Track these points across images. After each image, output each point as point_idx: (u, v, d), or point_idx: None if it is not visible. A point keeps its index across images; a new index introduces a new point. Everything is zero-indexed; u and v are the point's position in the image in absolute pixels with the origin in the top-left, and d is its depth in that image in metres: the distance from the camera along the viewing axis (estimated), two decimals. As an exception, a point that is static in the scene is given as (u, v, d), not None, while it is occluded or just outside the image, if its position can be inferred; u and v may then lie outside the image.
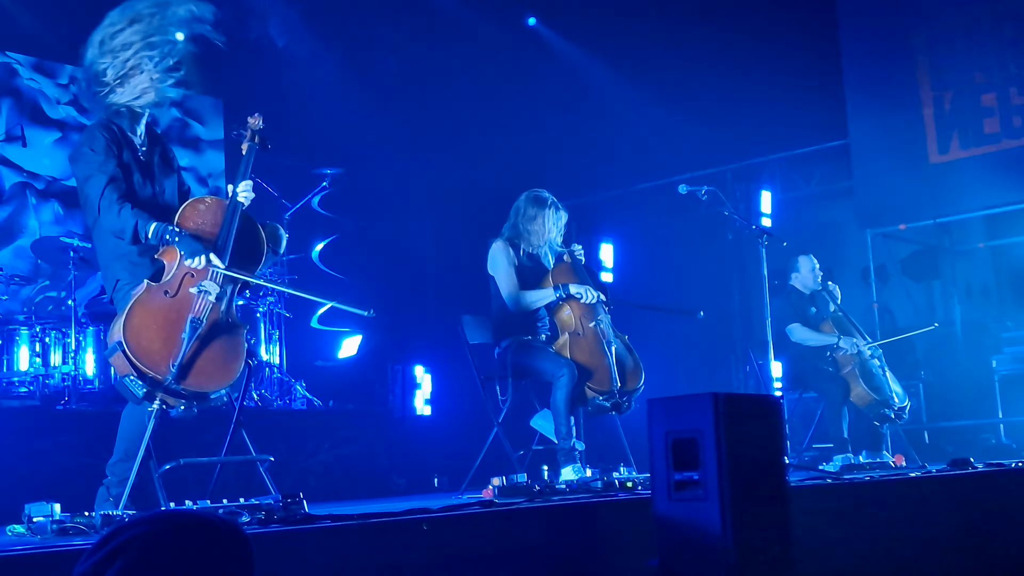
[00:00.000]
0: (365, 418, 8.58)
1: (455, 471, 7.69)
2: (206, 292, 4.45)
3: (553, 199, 6.55)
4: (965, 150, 9.96)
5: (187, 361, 4.32)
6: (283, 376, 8.75)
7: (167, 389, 4.28)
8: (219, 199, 4.75)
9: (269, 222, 4.96)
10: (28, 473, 6.12)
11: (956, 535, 5.12)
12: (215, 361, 4.43)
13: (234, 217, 4.66)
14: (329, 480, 7.60)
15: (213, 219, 4.64)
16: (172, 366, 4.26)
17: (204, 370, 4.38)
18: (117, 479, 4.44)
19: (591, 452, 6.35)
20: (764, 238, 7.20)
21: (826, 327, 7.96)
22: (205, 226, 4.62)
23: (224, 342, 4.49)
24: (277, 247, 4.96)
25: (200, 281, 4.46)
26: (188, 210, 4.62)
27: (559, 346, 6.29)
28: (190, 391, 4.34)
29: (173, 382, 4.26)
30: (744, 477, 3.46)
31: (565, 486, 5.48)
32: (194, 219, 4.61)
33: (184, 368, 4.30)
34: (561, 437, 5.99)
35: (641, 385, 6.32)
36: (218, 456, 4.83)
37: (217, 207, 4.68)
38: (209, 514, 1.69)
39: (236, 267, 4.61)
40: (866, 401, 7.65)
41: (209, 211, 4.66)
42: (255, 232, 4.78)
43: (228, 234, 4.61)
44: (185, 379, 4.31)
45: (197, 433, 6.32)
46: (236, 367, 4.53)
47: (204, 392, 4.40)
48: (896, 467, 7.04)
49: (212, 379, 4.42)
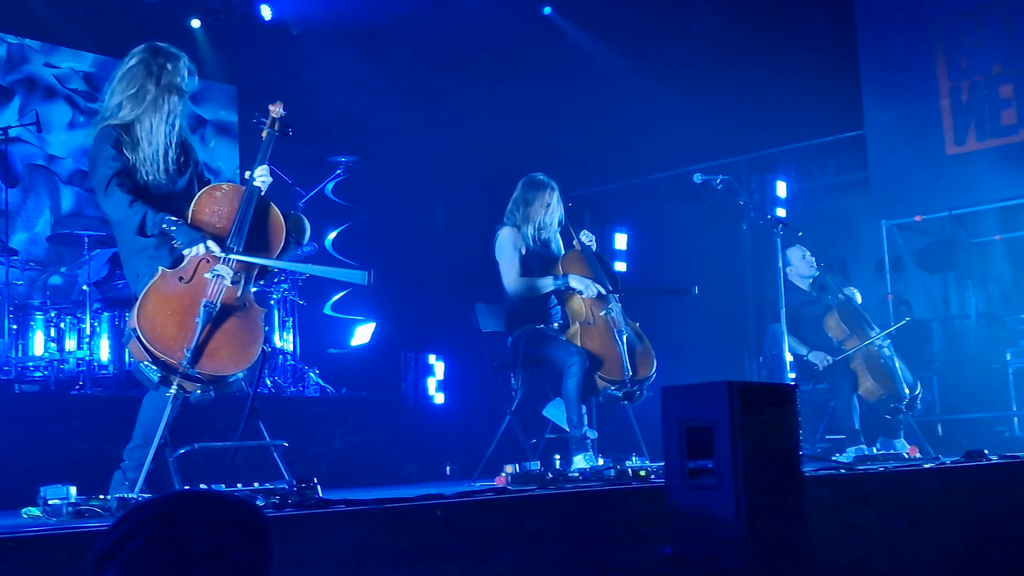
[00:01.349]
0: (378, 406, 8.61)
1: (467, 459, 7.69)
2: (220, 276, 4.46)
3: (549, 180, 6.55)
4: (982, 142, 9.91)
5: (202, 345, 4.33)
6: (296, 363, 8.77)
7: (183, 374, 4.28)
8: (236, 185, 4.76)
9: (293, 212, 4.97)
10: (43, 457, 6.15)
11: (970, 527, 5.11)
12: (231, 344, 4.44)
13: (250, 203, 4.67)
14: (341, 467, 7.61)
15: (230, 205, 4.65)
16: (186, 350, 4.27)
17: (220, 354, 4.39)
18: (134, 464, 4.45)
19: (603, 440, 6.35)
20: (779, 228, 7.17)
21: (831, 320, 7.89)
22: (222, 212, 4.63)
23: (240, 325, 4.50)
24: (300, 238, 4.96)
25: (214, 266, 4.47)
26: (204, 197, 4.64)
27: (570, 335, 6.28)
28: (206, 375, 4.35)
29: (188, 366, 4.27)
30: (759, 466, 3.44)
31: (578, 474, 5.49)
32: (210, 206, 4.62)
33: (199, 352, 4.31)
34: (573, 426, 6.00)
35: (653, 373, 6.32)
36: (232, 441, 4.84)
37: (234, 193, 4.69)
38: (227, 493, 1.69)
39: (252, 252, 4.61)
40: (874, 395, 7.62)
41: (225, 198, 4.67)
42: (273, 218, 4.77)
43: (243, 219, 4.62)
44: (200, 363, 4.32)
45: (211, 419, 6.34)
46: (254, 350, 4.53)
47: (221, 376, 4.41)
48: (910, 459, 7.02)
49: (228, 362, 4.42)
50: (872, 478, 5.03)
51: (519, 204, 6.52)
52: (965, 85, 10.02)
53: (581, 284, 6.26)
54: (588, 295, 6.24)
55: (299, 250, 5.09)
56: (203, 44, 10.68)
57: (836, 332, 7.91)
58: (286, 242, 4.80)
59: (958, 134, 10.04)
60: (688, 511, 3.53)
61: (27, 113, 8.76)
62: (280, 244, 4.77)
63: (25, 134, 9.09)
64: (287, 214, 4.85)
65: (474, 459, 6.69)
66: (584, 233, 6.59)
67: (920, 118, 10.22)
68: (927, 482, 5.20)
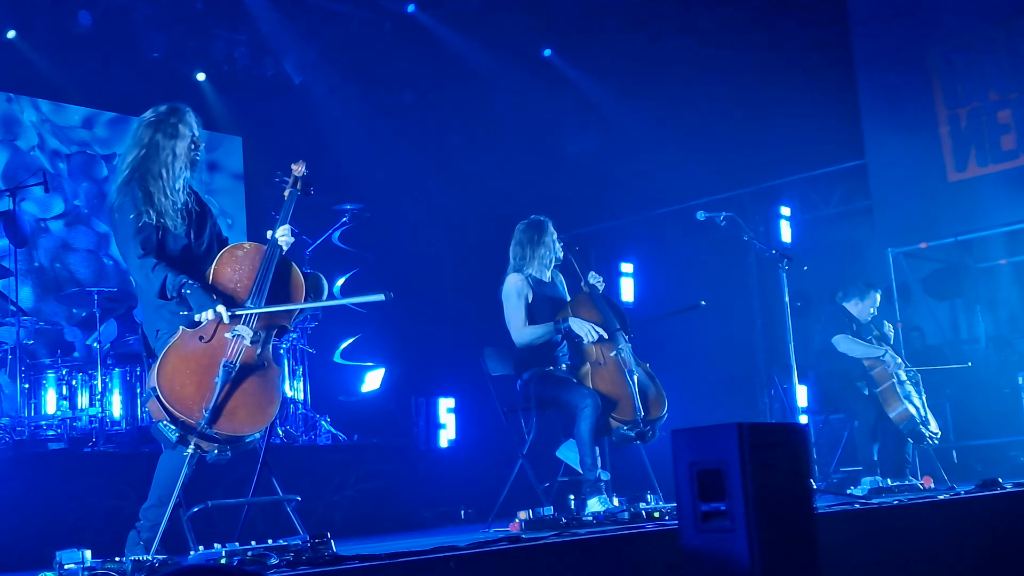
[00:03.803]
0: (390, 452, 8.58)
1: (482, 503, 7.68)
2: (240, 336, 4.46)
3: (541, 217, 6.61)
4: (983, 167, 9.95)
5: (221, 405, 4.33)
6: (308, 412, 8.78)
7: (200, 434, 4.30)
8: (256, 244, 4.75)
9: (312, 271, 4.98)
10: (57, 516, 6.16)
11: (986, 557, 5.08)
12: (249, 405, 4.44)
13: (272, 262, 4.66)
14: (356, 515, 7.60)
15: (251, 265, 4.65)
16: (205, 411, 4.29)
17: (238, 414, 4.39)
18: (150, 523, 4.45)
19: (617, 480, 6.34)
20: (784, 262, 7.19)
21: None
22: (243, 271, 4.63)
23: (259, 385, 4.50)
24: (319, 296, 4.97)
25: (234, 326, 4.49)
26: (225, 256, 4.65)
27: (581, 376, 6.28)
28: (224, 435, 4.34)
29: (206, 426, 4.28)
30: (771, 507, 3.44)
31: (592, 517, 5.48)
32: (231, 265, 4.64)
33: (217, 412, 4.31)
34: (586, 468, 5.98)
35: (665, 413, 6.30)
36: (245, 497, 4.85)
37: (255, 253, 4.70)
38: (227, 567, 1.70)
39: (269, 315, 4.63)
40: (903, 417, 7.57)
41: (247, 257, 4.68)
42: (294, 278, 4.77)
43: (264, 279, 4.62)
44: (218, 423, 4.32)
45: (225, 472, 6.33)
46: (272, 410, 4.53)
47: (239, 436, 4.40)
48: (925, 489, 6.99)
49: (246, 423, 4.42)
50: (887, 512, 5.02)
51: (519, 247, 6.57)
52: (963, 112, 10.07)
53: (581, 330, 6.25)
54: (588, 341, 6.25)
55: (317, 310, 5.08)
56: (209, 96, 10.79)
57: (869, 361, 7.89)
58: (305, 302, 4.83)
59: (959, 160, 10.08)
60: (702, 554, 3.53)
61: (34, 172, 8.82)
62: (300, 302, 4.79)
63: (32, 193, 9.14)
64: (307, 274, 4.85)
65: (488, 502, 6.68)
66: (592, 275, 6.61)
67: (920, 146, 10.27)
68: (942, 514, 5.19)
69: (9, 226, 8.22)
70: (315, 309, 8.55)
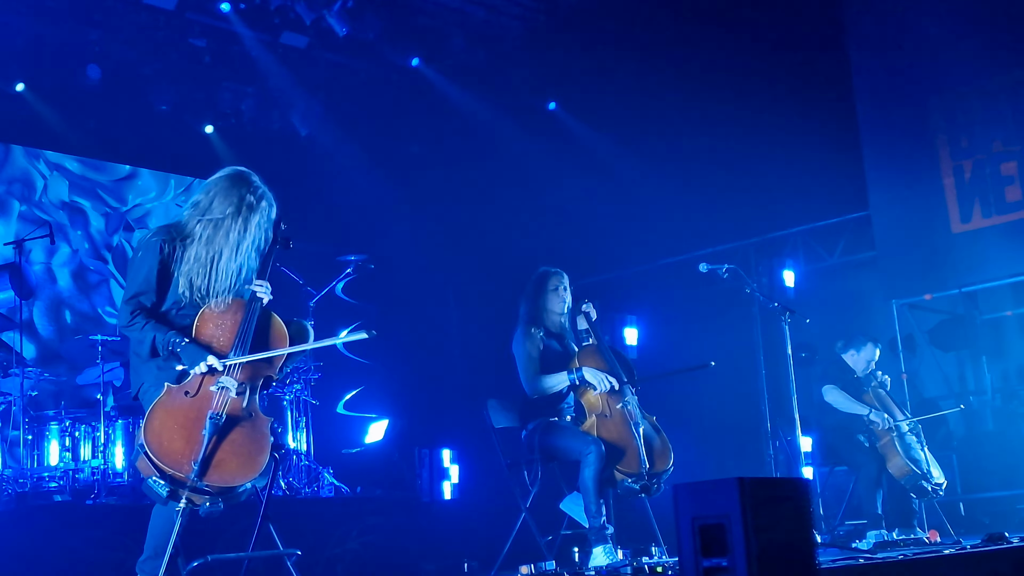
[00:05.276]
0: (393, 504, 8.56)
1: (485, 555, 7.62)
2: (226, 388, 4.49)
3: (552, 268, 6.65)
4: (988, 218, 9.95)
5: (209, 457, 4.34)
6: (311, 463, 8.76)
7: (191, 487, 4.29)
8: (237, 299, 4.78)
9: (295, 319, 4.99)
10: (59, 569, 6.13)
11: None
12: (239, 455, 4.44)
13: (253, 315, 4.71)
14: (358, 568, 7.55)
15: (232, 319, 4.70)
16: (194, 463, 4.29)
17: (227, 465, 4.40)
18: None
19: (621, 532, 6.30)
20: (787, 315, 7.19)
21: (866, 399, 7.90)
22: (224, 326, 4.67)
23: (247, 435, 4.51)
24: (304, 343, 4.99)
25: (219, 378, 4.51)
26: (207, 313, 4.68)
27: (586, 427, 6.27)
28: (214, 487, 4.35)
29: (196, 479, 4.28)
30: (774, 563, 3.42)
31: (594, 572, 5.44)
32: (213, 320, 4.67)
33: (206, 464, 4.32)
34: (591, 515, 5.94)
35: (670, 466, 6.28)
36: (246, 551, 4.82)
37: (236, 307, 4.73)
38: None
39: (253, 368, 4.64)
40: (904, 472, 7.55)
41: (228, 312, 4.71)
42: (275, 328, 4.80)
43: (247, 332, 4.66)
44: (208, 475, 4.32)
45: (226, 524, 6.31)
46: (261, 460, 4.53)
47: (230, 487, 4.41)
48: (931, 543, 6.94)
49: (236, 474, 4.42)
50: (892, 567, 4.97)
51: (525, 299, 6.60)
52: (967, 164, 10.10)
53: (595, 379, 6.26)
54: (601, 390, 6.24)
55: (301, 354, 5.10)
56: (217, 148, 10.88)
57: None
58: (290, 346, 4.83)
59: (963, 212, 10.09)
60: (705, 610, 3.50)
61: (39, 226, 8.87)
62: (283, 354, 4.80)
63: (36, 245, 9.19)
64: (289, 321, 4.88)
65: (492, 554, 6.64)
66: (585, 303, 6.63)
67: (924, 197, 10.28)
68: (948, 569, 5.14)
69: (15, 278, 8.26)
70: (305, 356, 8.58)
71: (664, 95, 11.02)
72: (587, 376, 6.27)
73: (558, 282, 6.60)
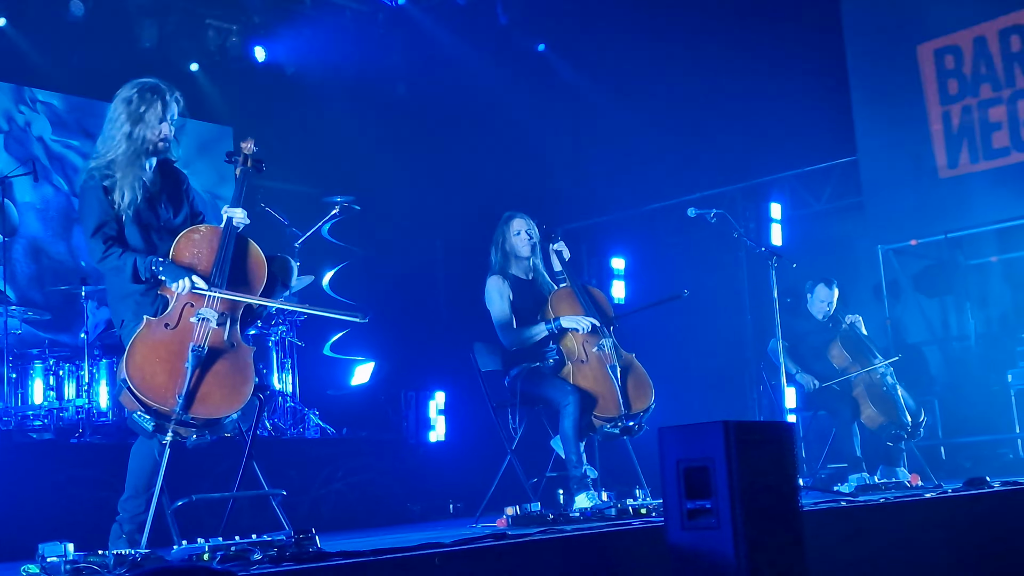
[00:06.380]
0: (379, 446, 8.58)
1: (470, 497, 7.68)
2: (206, 319, 4.47)
3: (514, 212, 6.60)
4: (975, 164, 9.95)
5: (193, 390, 4.32)
6: (296, 405, 8.76)
7: (177, 420, 4.29)
8: (213, 227, 4.74)
9: (280, 254, 4.96)
10: (44, 508, 6.15)
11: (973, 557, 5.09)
12: (223, 386, 4.44)
13: (229, 241, 4.66)
14: (344, 509, 7.60)
15: (209, 246, 4.64)
16: (178, 397, 4.28)
17: (212, 397, 4.39)
18: (129, 515, 4.45)
19: (606, 475, 6.34)
20: (774, 259, 7.19)
21: (834, 349, 7.94)
22: (201, 254, 4.62)
23: (230, 366, 4.50)
24: (287, 279, 4.95)
25: (199, 309, 4.48)
26: (183, 241, 4.62)
27: (565, 374, 6.27)
28: (200, 419, 4.35)
29: (182, 412, 4.27)
30: (756, 505, 3.44)
31: (579, 514, 5.47)
32: (189, 249, 4.61)
33: (191, 397, 4.31)
34: (572, 465, 5.98)
35: (651, 404, 6.27)
36: (230, 491, 4.83)
37: (212, 234, 4.68)
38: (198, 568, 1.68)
39: (235, 290, 4.61)
40: (876, 423, 7.64)
41: (204, 239, 4.66)
42: (253, 255, 4.76)
43: (224, 258, 4.61)
44: (194, 408, 4.32)
45: (211, 466, 6.34)
46: (246, 390, 4.52)
47: (215, 419, 4.41)
48: (911, 487, 7.00)
49: (222, 405, 4.42)
50: (872, 510, 5.02)
51: (495, 245, 6.57)
52: (955, 109, 10.07)
53: (574, 323, 6.27)
54: (584, 331, 6.24)
55: (286, 291, 5.06)
56: (203, 86, 10.76)
57: (839, 360, 7.94)
58: (271, 280, 4.79)
59: (951, 157, 10.07)
60: (688, 551, 3.52)
61: (23, 162, 8.77)
62: (262, 279, 4.74)
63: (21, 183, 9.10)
64: (272, 256, 4.84)
65: (477, 496, 6.67)
66: (556, 243, 6.59)
67: (912, 142, 10.26)
68: (928, 512, 5.19)
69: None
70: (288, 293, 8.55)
71: (653, 38, 10.94)
72: (565, 323, 6.27)
73: (520, 225, 6.53)
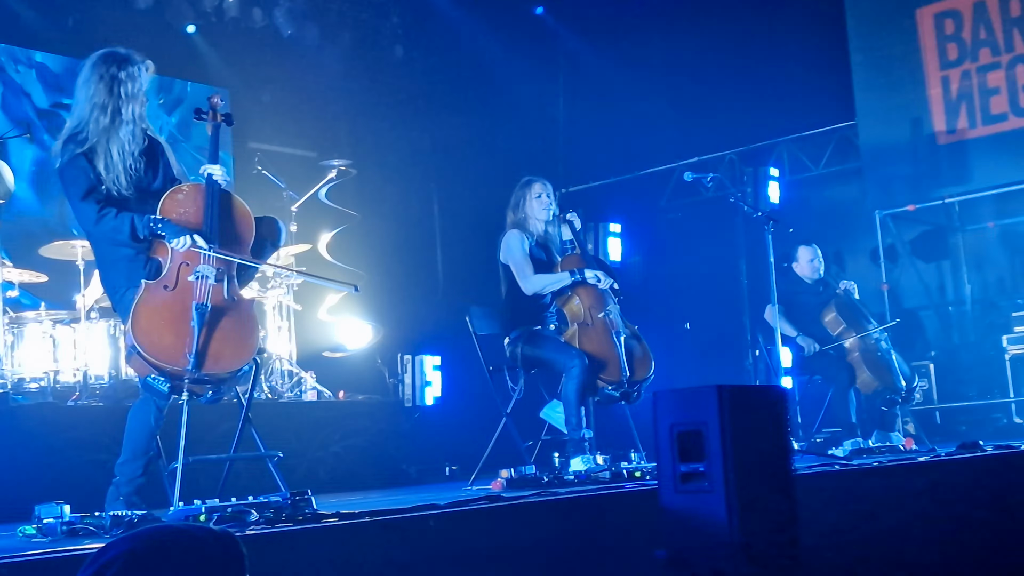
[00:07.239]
0: (375, 408, 8.59)
1: (467, 459, 7.69)
2: (205, 276, 4.48)
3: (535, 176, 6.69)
4: (972, 129, 9.93)
5: (203, 348, 4.35)
6: (292, 368, 8.77)
7: (192, 379, 4.31)
8: (196, 184, 4.71)
9: (267, 216, 4.95)
10: (40, 470, 6.15)
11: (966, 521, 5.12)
12: (232, 341, 4.47)
13: (214, 197, 4.64)
14: (341, 471, 7.62)
15: (194, 204, 4.63)
16: (189, 356, 4.30)
17: (223, 355, 4.43)
18: (126, 479, 4.47)
19: (601, 438, 6.37)
20: (770, 224, 7.20)
21: (828, 314, 7.95)
22: (188, 214, 4.61)
23: (235, 320, 4.53)
24: (276, 240, 4.95)
25: (196, 267, 4.48)
26: (168, 202, 4.60)
27: (568, 336, 6.31)
28: (214, 376, 4.39)
29: (195, 371, 4.30)
30: (749, 468, 3.46)
31: (573, 477, 5.51)
32: (175, 209, 4.59)
33: (202, 357, 4.34)
34: (571, 428, 6.02)
35: (651, 374, 6.35)
36: (227, 453, 4.85)
37: (195, 192, 4.66)
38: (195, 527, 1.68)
39: (226, 246, 4.61)
40: (871, 387, 7.68)
41: (188, 198, 4.65)
42: (239, 209, 4.75)
43: (212, 214, 4.61)
44: (206, 366, 4.35)
45: (208, 428, 6.34)
46: (253, 341, 4.58)
47: (229, 373, 4.46)
48: (906, 451, 7.04)
49: (233, 360, 4.47)
50: (866, 474, 5.05)
51: (514, 207, 6.60)
52: (954, 74, 10.03)
53: (596, 278, 6.33)
54: (603, 286, 6.32)
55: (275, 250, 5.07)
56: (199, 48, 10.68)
57: (833, 326, 7.96)
58: (260, 239, 4.78)
59: (949, 122, 10.05)
60: (681, 514, 3.54)
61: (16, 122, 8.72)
62: (251, 231, 4.74)
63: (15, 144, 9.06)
64: (260, 218, 4.83)
65: (473, 458, 6.69)
66: (570, 212, 6.66)
67: (910, 108, 10.24)
68: (921, 476, 5.22)
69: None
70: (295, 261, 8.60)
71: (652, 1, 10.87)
72: (588, 275, 6.32)
73: (541, 189, 6.61)
